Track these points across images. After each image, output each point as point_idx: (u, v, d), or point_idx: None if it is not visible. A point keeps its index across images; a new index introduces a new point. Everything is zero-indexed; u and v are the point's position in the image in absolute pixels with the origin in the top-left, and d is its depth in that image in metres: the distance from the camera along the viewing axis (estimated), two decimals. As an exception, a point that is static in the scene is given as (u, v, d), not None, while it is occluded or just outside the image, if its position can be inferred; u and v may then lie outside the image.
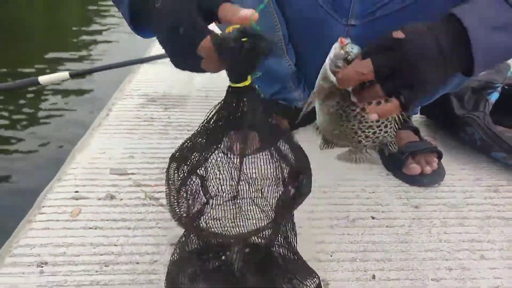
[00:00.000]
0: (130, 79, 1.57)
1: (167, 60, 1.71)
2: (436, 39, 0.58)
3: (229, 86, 0.53)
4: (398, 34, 0.57)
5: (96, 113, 1.39)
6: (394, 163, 1.05)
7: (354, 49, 0.60)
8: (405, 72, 0.57)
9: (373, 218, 0.89)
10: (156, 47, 1.96)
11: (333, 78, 0.63)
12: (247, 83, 0.52)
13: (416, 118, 1.31)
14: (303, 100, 1.09)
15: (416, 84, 0.58)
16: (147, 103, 1.38)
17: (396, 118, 0.68)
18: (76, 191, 0.94)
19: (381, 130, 0.68)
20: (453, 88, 1.01)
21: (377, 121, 0.67)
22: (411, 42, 0.57)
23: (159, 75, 1.62)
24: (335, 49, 0.61)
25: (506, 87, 1.21)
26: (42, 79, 1.64)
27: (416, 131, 1.11)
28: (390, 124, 0.68)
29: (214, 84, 1.54)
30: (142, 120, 1.26)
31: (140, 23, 0.66)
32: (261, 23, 0.92)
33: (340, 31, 0.92)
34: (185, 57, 0.53)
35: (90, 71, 1.76)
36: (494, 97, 1.15)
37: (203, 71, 0.53)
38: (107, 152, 1.09)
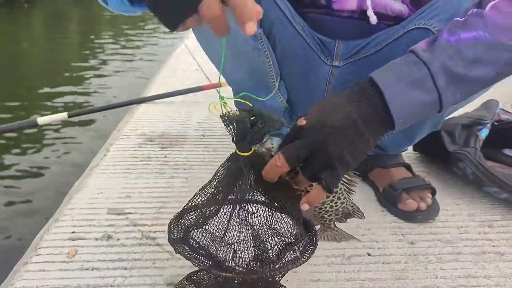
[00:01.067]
0: (128, 120, 1.60)
1: (165, 100, 1.76)
2: (345, 114, 0.60)
3: (235, 153, 0.62)
4: (301, 122, 0.60)
5: (94, 153, 1.41)
6: (389, 199, 1.06)
7: (274, 143, 0.62)
8: (316, 156, 0.59)
9: (369, 255, 0.90)
10: (154, 87, 2.00)
11: None
12: (251, 152, 0.61)
13: (409, 154, 1.33)
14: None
15: (333, 163, 0.59)
16: (144, 143, 1.40)
17: (346, 188, 0.69)
18: (73, 232, 0.94)
19: (336, 203, 0.69)
20: (432, 128, 1.05)
21: (327, 197, 0.67)
22: (314, 128, 0.59)
23: (156, 115, 1.65)
24: (258, 147, 0.62)
25: (495, 123, 1.24)
26: (41, 120, 1.67)
27: (408, 167, 1.13)
28: (342, 195, 0.69)
29: (211, 124, 1.57)
30: (139, 160, 1.28)
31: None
32: (254, 61, 0.96)
33: (326, 71, 1.01)
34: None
35: (88, 112, 1.79)
36: (484, 133, 1.18)
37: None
38: (105, 192, 1.10)
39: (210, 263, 0.58)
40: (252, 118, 0.59)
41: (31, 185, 2.23)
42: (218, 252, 0.60)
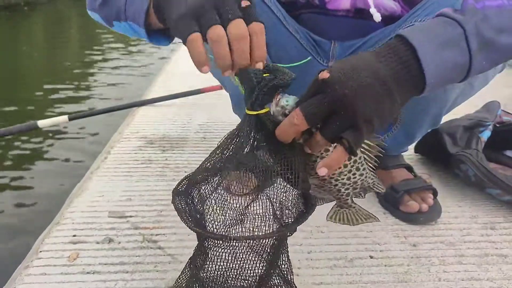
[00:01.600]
0: (129, 122, 1.60)
1: (165, 102, 1.75)
2: (374, 70, 0.54)
3: (246, 114, 0.57)
4: (324, 75, 0.54)
5: (95, 156, 1.41)
6: (390, 201, 1.06)
7: (289, 101, 0.57)
8: (341, 113, 0.53)
9: (371, 257, 0.89)
10: (155, 90, 2.00)
11: None
12: (263, 111, 0.56)
13: (410, 156, 1.33)
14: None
15: (357, 123, 0.53)
16: (145, 146, 1.39)
17: (367, 157, 0.63)
18: (74, 235, 0.94)
19: (354, 174, 0.63)
20: (431, 126, 1.04)
21: (345, 166, 0.62)
22: (338, 81, 0.52)
23: (157, 117, 1.65)
24: (272, 106, 0.58)
25: (497, 125, 1.24)
26: (41, 123, 1.67)
27: (409, 168, 1.13)
28: (362, 165, 0.63)
29: (212, 127, 1.56)
30: (140, 163, 1.28)
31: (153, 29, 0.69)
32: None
33: None
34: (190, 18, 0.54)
35: (89, 114, 1.79)
36: (486, 135, 1.18)
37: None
38: (106, 195, 1.10)
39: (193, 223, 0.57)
40: (265, 75, 0.55)
41: (31, 189, 2.23)
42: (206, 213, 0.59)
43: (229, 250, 0.61)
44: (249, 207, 0.60)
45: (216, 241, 0.60)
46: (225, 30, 0.53)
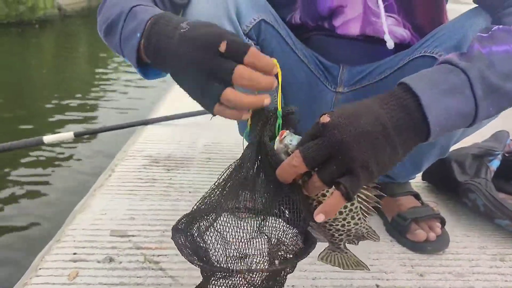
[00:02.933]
0: (134, 140, 1.59)
1: (172, 122, 1.75)
2: (375, 117, 0.54)
3: (249, 146, 0.60)
4: (324, 119, 0.54)
5: (99, 173, 1.40)
6: (397, 229, 1.04)
7: (293, 141, 0.57)
8: (339, 158, 0.53)
9: (377, 286, 0.87)
10: (161, 109, 2.00)
11: None
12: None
13: (418, 183, 1.31)
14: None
15: (355, 169, 0.53)
16: (150, 164, 1.39)
17: (362, 207, 0.61)
18: (75, 253, 0.92)
19: (349, 222, 0.62)
20: (439, 156, 1.02)
21: (340, 213, 0.61)
22: (337, 126, 0.53)
23: (162, 136, 1.64)
24: (276, 142, 0.59)
25: (506, 154, 1.22)
26: (47, 138, 1.67)
27: (417, 196, 1.11)
28: (357, 215, 0.62)
29: (217, 148, 1.56)
30: (144, 181, 1.27)
31: (147, 64, 0.69)
32: None
33: (330, 97, 1.01)
34: (203, 95, 0.58)
35: (95, 132, 1.79)
36: (495, 164, 1.17)
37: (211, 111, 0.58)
38: (108, 213, 1.08)
39: (196, 258, 0.57)
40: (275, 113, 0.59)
41: (34, 204, 2.22)
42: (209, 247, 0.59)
43: (229, 283, 0.60)
44: (249, 243, 0.61)
45: (217, 274, 0.59)
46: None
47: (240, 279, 0.59)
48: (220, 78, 0.55)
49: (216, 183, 0.63)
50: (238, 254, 0.60)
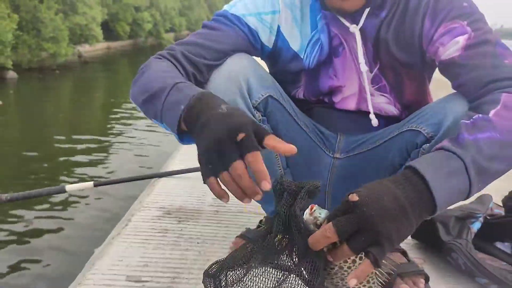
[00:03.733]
0: (149, 192, 1.73)
1: (184, 175, 1.88)
2: (394, 196, 0.66)
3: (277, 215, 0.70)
4: (353, 198, 0.65)
5: (116, 221, 1.53)
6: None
7: (322, 214, 0.68)
8: (367, 231, 0.63)
9: (363, 335, 0.97)
10: (174, 163, 2.15)
11: None
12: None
13: (408, 240, 1.42)
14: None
15: (381, 240, 0.63)
16: (163, 215, 1.52)
17: (378, 273, 0.71)
18: (94, 296, 1.04)
19: (364, 286, 0.71)
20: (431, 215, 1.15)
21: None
22: (366, 204, 0.64)
23: (175, 189, 1.78)
24: (305, 215, 0.69)
25: (488, 217, 1.34)
26: (69, 187, 1.81)
27: (404, 253, 1.21)
28: (372, 280, 0.71)
29: (224, 200, 1.68)
30: (157, 231, 1.39)
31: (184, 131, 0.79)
32: (262, 153, 1.09)
33: (328, 162, 1.13)
34: (222, 159, 0.67)
35: (113, 182, 1.93)
36: (476, 226, 1.28)
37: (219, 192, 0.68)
38: (124, 260, 1.21)
39: None
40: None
41: (55, 249, 2.34)
42: None
43: None
44: None
45: None
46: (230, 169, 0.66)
47: None
48: (222, 160, 0.67)
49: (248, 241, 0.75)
50: None
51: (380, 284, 0.74)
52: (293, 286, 0.71)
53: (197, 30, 1.06)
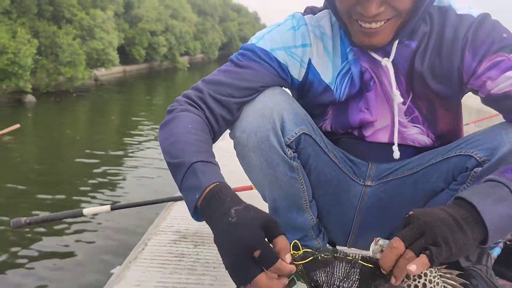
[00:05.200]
0: (165, 216, 1.75)
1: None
2: (447, 212, 0.72)
3: None
4: (410, 213, 0.73)
5: (132, 245, 1.54)
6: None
7: (385, 243, 0.73)
8: (426, 234, 0.69)
9: None
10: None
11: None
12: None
13: (426, 267, 1.40)
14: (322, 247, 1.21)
15: (439, 242, 0.68)
16: (179, 240, 1.52)
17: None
18: (112, 321, 1.04)
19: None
20: None
21: None
22: (421, 214, 0.72)
23: (191, 212, 1.78)
24: (372, 246, 0.75)
25: (508, 242, 1.32)
26: (86, 211, 1.83)
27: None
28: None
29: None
30: (174, 256, 1.40)
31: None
32: (290, 187, 1.08)
33: (359, 190, 1.10)
34: (245, 269, 0.70)
35: (129, 206, 1.94)
36: (496, 251, 1.26)
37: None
38: (142, 284, 1.21)
39: None
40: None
41: (72, 273, 2.36)
42: None
43: None
44: None
45: None
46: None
47: None
48: (245, 275, 0.70)
49: None
50: None
51: None
52: None
53: (223, 65, 1.04)
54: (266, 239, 0.71)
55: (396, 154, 1.06)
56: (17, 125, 6.38)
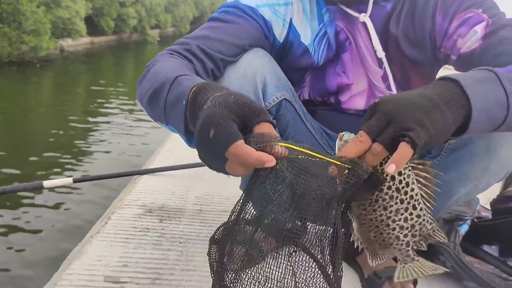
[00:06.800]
0: (130, 190, 1.68)
1: (166, 173, 1.83)
2: (420, 94, 0.62)
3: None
4: (375, 101, 0.63)
5: (95, 219, 1.47)
6: (372, 286, 1.12)
7: (350, 136, 0.64)
8: (395, 122, 0.59)
9: None
10: (156, 160, 2.09)
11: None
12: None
13: (395, 243, 1.39)
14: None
15: (412, 125, 0.59)
16: (144, 214, 1.47)
17: (424, 195, 0.64)
18: (70, 297, 0.99)
19: (411, 214, 0.64)
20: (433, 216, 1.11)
21: (401, 201, 0.63)
22: (388, 100, 0.62)
23: (157, 187, 1.73)
24: (337, 142, 0.66)
25: (475, 220, 1.32)
26: (47, 183, 1.75)
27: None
28: (419, 204, 0.64)
29: (209, 200, 1.64)
30: (138, 230, 1.34)
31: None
32: None
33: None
34: (213, 156, 0.58)
35: (93, 178, 1.87)
36: (463, 228, 1.26)
37: (226, 172, 0.58)
38: (103, 259, 1.16)
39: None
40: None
41: (31, 248, 2.27)
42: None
43: None
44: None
45: None
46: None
47: None
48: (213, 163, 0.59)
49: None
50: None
51: (429, 214, 0.65)
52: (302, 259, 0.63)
53: (205, 24, 0.96)
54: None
55: None
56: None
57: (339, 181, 0.60)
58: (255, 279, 0.63)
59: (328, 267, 0.64)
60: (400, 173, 0.63)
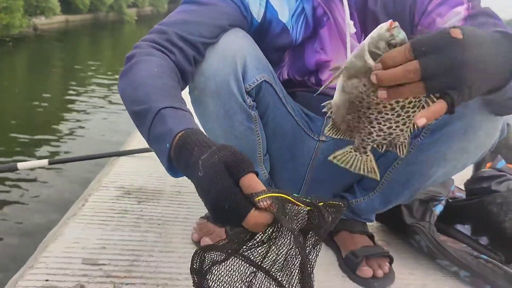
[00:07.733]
0: (108, 171, 1.66)
1: (144, 154, 1.81)
2: (496, 52, 0.59)
3: None
4: (456, 34, 0.55)
5: (72, 202, 1.45)
6: (349, 265, 1.14)
7: (400, 35, 0.57)
8: (453, 73, 0.55)
9: (327, 318, 0.96)
10: (134, 141, 2.07)
11: (368, 58, 0.59)
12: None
13: (372, 224, 1.42)
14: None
15: (463, 87, 0.56)
16: (122, 196, 1.45)
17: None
18: (47, 280, 0.98)
19: (398, 126, 0.63)
20: (410, 197, 1.13)
21: (397, 116, 0.62)
22: (468, 47, 0.56)
23: (135, 168, 1.71)
24: (380, 28, 0.58)
25: (449, 200, 1.36)
26: (21, 165, 1.72)
27: (371, 236, 1.21)
28: (409, 123, 0.63)
29: (188, 181, 1.63)
30: (116, 212, 1.33)
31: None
32: (245, 138, 1.03)
33: (313, 145, 1.08)
34: (230, 223, 0.62)
35: (69, 160, 1.84)
36: (438, 209, 1.29)
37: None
38: (81, 242, 1.14)
39: None
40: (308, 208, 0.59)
41: (6, 230, 2.23)
42: None
43: None
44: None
45: None
46: None
47: None
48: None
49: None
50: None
51: (410, 133, 0.65)
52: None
53: (180, 7, 0.95)
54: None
55: None
56: None
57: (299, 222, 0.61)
58: None
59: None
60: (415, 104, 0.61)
